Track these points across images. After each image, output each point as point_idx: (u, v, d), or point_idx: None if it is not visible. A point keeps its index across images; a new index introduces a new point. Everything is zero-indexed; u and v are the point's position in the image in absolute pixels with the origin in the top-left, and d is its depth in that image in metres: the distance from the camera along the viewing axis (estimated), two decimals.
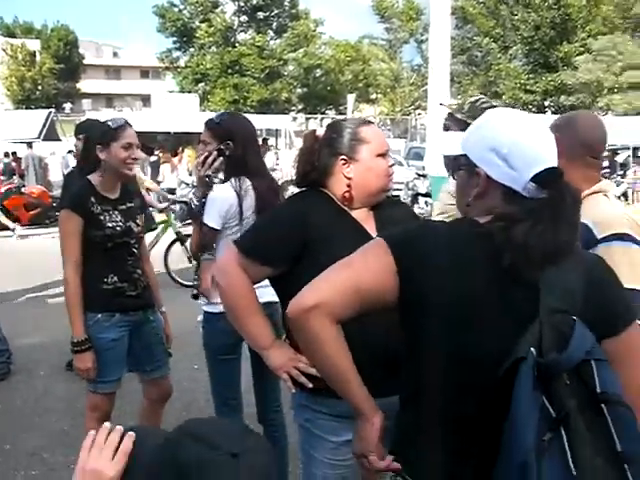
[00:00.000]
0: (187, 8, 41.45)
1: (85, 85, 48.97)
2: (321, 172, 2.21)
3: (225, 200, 2.95)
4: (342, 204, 2.21)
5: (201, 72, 40.31)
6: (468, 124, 1.68)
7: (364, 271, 1.51)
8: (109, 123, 3.15)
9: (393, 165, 2.28)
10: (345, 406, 1.68)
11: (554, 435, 1.29)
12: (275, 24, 43.28)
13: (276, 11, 42.94)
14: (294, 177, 2.31)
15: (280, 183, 3.24)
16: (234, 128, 3.03)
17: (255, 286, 2.20)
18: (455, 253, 1.48)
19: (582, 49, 35.10)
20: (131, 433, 1.25)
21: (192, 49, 41.97)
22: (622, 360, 1.43)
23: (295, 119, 34.53)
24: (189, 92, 37.65)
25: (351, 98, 21.44)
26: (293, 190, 2.36)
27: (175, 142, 23.30)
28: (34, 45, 46.69)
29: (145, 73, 60.03)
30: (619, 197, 18.22)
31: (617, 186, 18.67)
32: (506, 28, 38.44)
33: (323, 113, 39.71)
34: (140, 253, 3.32)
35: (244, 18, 42.70)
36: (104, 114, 28.03)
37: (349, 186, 2.18)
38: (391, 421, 1.64)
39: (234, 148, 2.98)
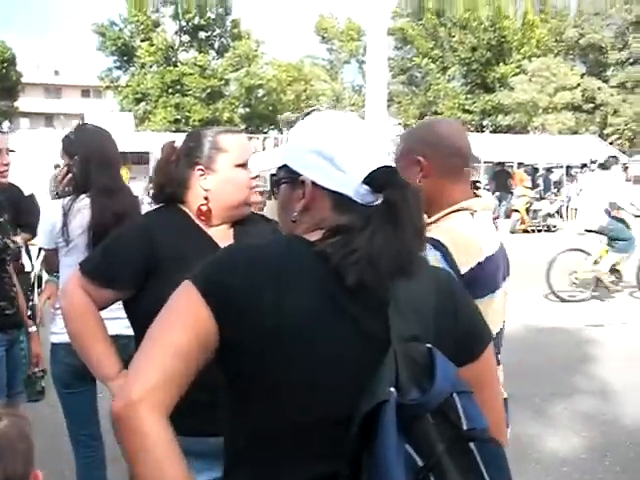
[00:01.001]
0: (127, 27, 40.96)
1: (24, 104, 47.79)
2: (178, 185, 2.03)
3: (48, 219, 2.82)
4: (200, 220, 2.03)
5: (142, 91, 39.76)
6: None
7: (189, 337, 1.21)
8: None
9: (257, 177, 2.12)
10: (205, 444, 1.52)
11: None
12: (217, 44, 43.01)
13: (218, 31, 42.72)
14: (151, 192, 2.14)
15: None
16: (77, 143, 2.86)
17: (104, 317, 2.02)
18: (279, 283, 1.22)
19: (517, 70, 36.00)
20: None
21: (133, 68, 41.43)
22: (479, 383, 1.27)
23: None
24: (129, 111, 37.16)
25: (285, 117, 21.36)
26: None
27: None
28: None
29: (86, 92, 59.05)
30: (553, 215, 18.55)
31: (551, 204, 19.02)
32: (444, 49, 39.14)
33: (265, 133, 39.51)
34: (10, 270, 3.12)
35: (186, 37, 42.34)
36: (41, 133, 27.40)
37: (206, 199, 2.01)
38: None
39: (78, 164, 2.82)
